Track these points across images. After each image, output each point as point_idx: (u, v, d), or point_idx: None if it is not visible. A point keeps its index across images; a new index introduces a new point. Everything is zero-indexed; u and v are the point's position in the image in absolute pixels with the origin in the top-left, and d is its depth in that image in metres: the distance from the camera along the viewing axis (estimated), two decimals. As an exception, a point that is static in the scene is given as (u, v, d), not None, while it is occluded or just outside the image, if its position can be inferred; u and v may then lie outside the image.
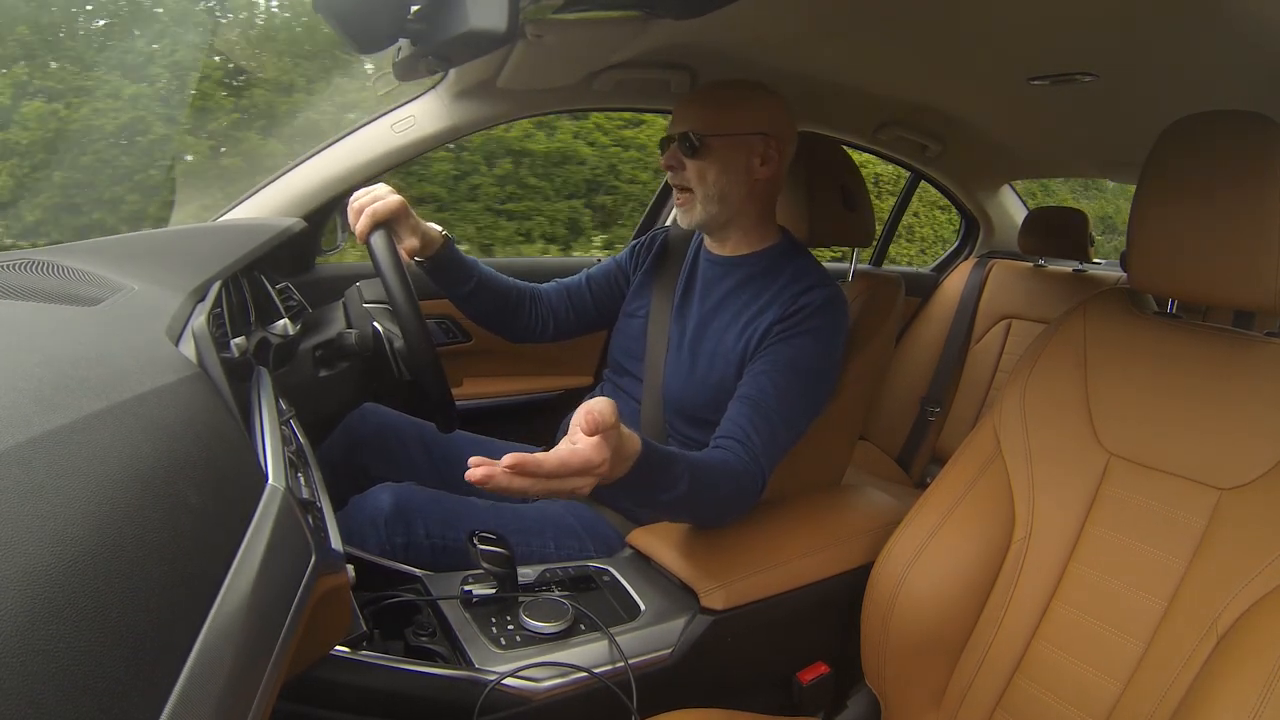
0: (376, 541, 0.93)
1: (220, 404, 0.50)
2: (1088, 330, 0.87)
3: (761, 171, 1.03)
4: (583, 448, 0.63)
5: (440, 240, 1.10)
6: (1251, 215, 0.72)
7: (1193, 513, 0.73)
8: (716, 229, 1.09)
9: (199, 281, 0.74)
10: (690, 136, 1.01)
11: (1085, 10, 0.93)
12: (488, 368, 1.55)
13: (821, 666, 0.94)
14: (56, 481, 0.32)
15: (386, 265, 0.93)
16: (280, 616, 0.44)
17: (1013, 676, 0.79)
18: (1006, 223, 2.31)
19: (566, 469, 0.61)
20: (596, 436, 0.62)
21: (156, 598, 0.33)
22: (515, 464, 0.59)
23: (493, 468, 0.59)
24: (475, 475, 0.58)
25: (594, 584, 0.89)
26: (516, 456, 0.59)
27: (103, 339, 0.49)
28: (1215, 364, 0.78)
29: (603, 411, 0.62)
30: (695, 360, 1.04)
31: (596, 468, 0.63)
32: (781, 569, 0.91)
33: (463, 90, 1.26)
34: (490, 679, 0.72)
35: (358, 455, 1.16)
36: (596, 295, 1.23)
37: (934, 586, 0.83)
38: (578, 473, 0.63)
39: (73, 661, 0.27)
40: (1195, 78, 1.10)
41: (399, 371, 1.00)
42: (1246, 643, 0.62)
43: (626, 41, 1.14)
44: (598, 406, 0.62)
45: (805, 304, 0.98)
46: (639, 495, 0.76)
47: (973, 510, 0.85)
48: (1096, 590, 0.77)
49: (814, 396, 0.97)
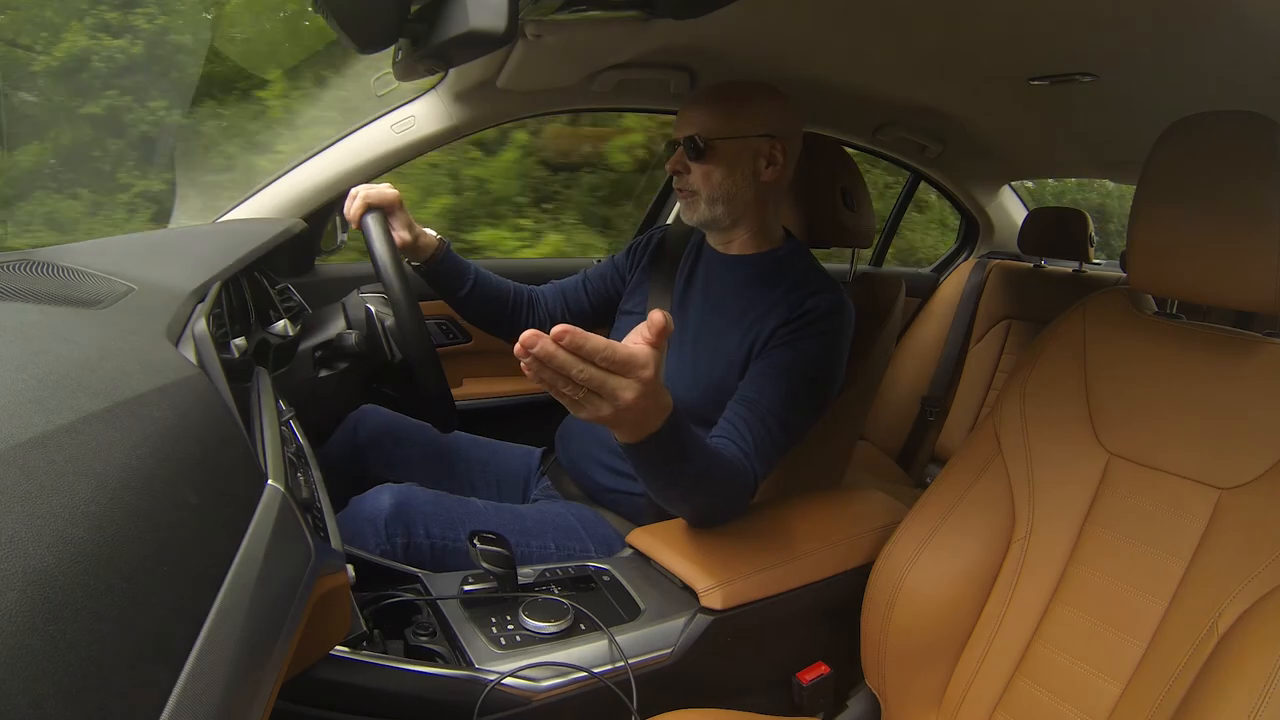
0: (376, 542, 0.93)
1: (220, 404, 0.50)
2: (1087, 330, 0.87)
3: (768, 173, 1.03)
4: (635, 346, 0.60)
5: (437, 244, 1.10)
6: (1251, 215, 0.72)
7: (1192, 513, 0.73)
8: (721, 229, 1.08)
9: (199, 282, 0.74)
10: (696, 140, 1.01)
11: (1085, 10, 0.93)
12: (488, 368, 1.55)
13: (821, 666, 0.94)
14: (56, 482, 0.32)
15: (378, 242, 0.94)
16: (280, 616, 0.44)
17: (1013, 676, 0.79)
18: (1006, 223, 2.31)
19: (612, 357, 0.58)
20: (650, 346, 0.60)
21: (156, 598, 0.33)
22: (564, 331, 0.55)
23: (540, 334, 0.55)
24: (525, 335, 0.55)
25: (594, 584, 0.89)
26: (566, 326, 0.56)
27: (103, 340, 0.49)
28: (1215, 364, 0.78)
29: (668, 320, 0.60)
30: (696, 358, 1.04)
31: (640, 370, 0.60)
32: (781, 569, 0.91)
33: (463, 90, 1.26)
34: (490, 679, 0.72)
35: (358, 455, 1.16)
36: (593, 296, 1.23)
37: (934, 586, 0.83)
38: (621, 368, 0.59)
39: (73, 662, 0.27)
40: (1195, 78, 1.10)
41: (390, 352, 1.00)
42: (1247, 643, 0.62)
43: (626, 42, 1.14)
44: (662, 315, 0.60)
45: (812, 307, 0.97)
46: (661, 459, 0.74)
47: (973, 510, 0.85)
48: (1096, 590, 0.77)
49: (814, 402, 0.97)
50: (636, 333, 0.62)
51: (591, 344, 0.57)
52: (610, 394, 0.61)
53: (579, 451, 1.12)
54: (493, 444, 1.26)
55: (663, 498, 0.85)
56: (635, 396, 0.61)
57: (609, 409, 0.62)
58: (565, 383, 0.59)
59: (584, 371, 0.58)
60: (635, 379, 0.61)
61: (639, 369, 0.60)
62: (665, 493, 0.83)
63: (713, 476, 0.83)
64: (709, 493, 0.86)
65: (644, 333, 0.61)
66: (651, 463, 0.75)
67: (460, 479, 1.19)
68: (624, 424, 0.67)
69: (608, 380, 0.60)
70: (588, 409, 0.62)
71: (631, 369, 0.60)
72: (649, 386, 0.62)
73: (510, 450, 1.26)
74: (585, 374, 0.58)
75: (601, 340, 0.58)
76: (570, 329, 0.56)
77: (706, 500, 0.88)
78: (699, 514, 0.92)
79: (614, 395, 0.61)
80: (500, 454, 1.25)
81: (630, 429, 0.69)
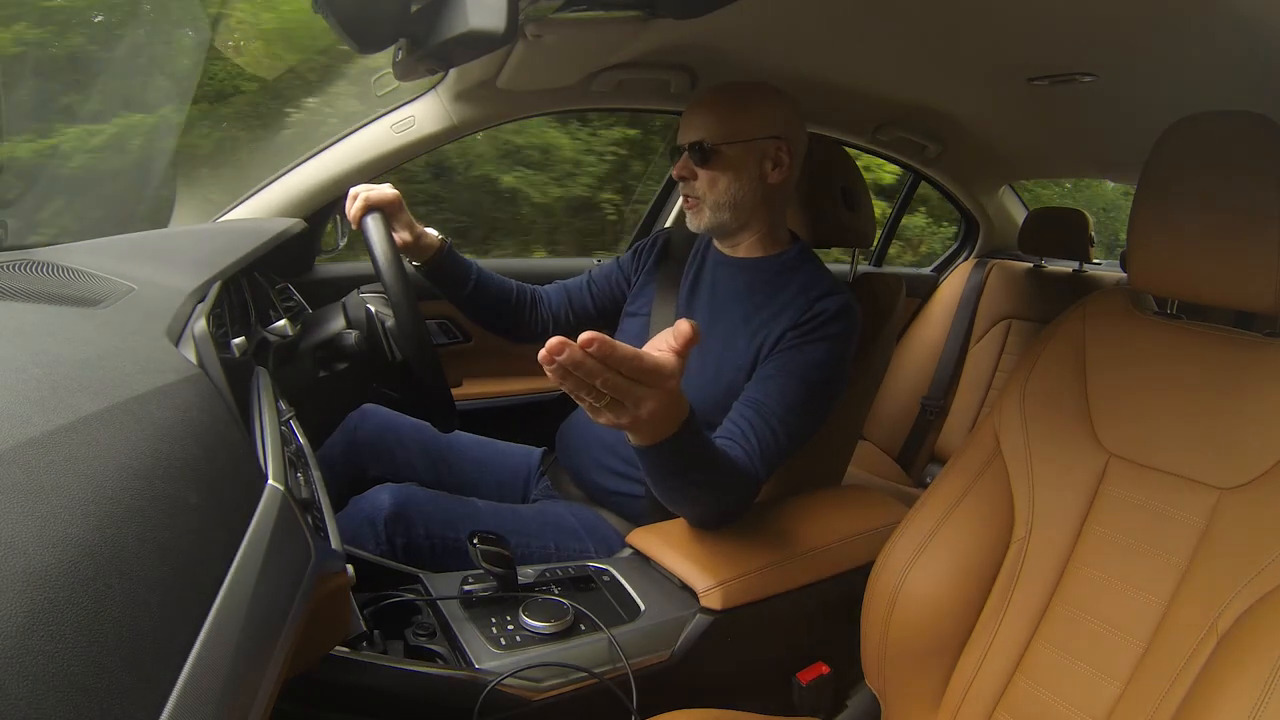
0: (376, 542, 0.93)
1: (220, 404, 0.50)
2: (1087, 330, 0.87)
3: (774, 175, 1.02)
4: (661, 355, 0.60)
5: (438, 244, 1.10)
6: (1251, 215, 0.72)
7: (1192, 513, 0.73)
8: (728, 234, 1.08)
9: (199, 282, 0.74)
10: (703, 145, 1.00)
11: (1085, 10, 0.93)
12: (488, 368, 1.55)
13: (821, 666, 0.94)
14: (57, 482, 0.32)
15: (378, 243, 0.94)
16: (280, 616, 0.44)
17: (1013, 676, 0.79)
18: (1006, 223, 2.31)
19: (640, 366, 0.58)
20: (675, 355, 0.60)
21: (156, 598, 0.33)
22: (592, 339, 0.55)
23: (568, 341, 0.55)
24: (552, 342, 0.54)
25: (594, 584, 0.89)
26: (594, 333, 0.55)
27: (103, 340, 0.49)
28: (1215, 364, 0.78)
29: (696, 330, 0.59)
30: (703, 361, 1.04)
31: (666, 379, 0.60)
32: (781, 569, 0.91)
33: (463, 90, 1.26)
34: (490, 679, 0.72)
35: (357, 455, 1.16)
36: (597, 297, 1.23)
37: (934, 586, 0.83)
38: (647, 377, 0.59)
39: (73, 661, 0.27)
40: (1195, 78, 1.10)
41: (391, 352, 1.00)
42: (1247, 643, 0.62)
43: (626, 42, 1.14)
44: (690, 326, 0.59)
45: (821, 310, 0.97)
46: (673, 463, 0.74)
47: (973, 510, 0.85)
48: (1096, 590, 0.77)
49: (819, 406, 0.97)
50: (662, 339, 0.62)
51: (620, 353, 0.57)
52: (634, 402, 0.61)
53: (579, 452, 1.12)
54: (493, 444, 1.26)
55: (668, 499, 0.85)
56: (657, 404, 0.61)
57: (629, 416, 0.62)
58: (589, 390, 0.58)
59: (609, 380, 0.57)
60: (660, 389, 0.61)
61: (665, 379, 0.60)
62: (672, 495, 0.83)
63: (719, 479, 0.83)
64: (714, 495, 0.86)
65: (670, 341, 0.61)
66: (663, 466, 0.75)
67: (460, 479, 1.19)
68: (641, 429, 0.67)
69: (632, 389, 0.59)
70: (608, 415, 0.62)
71: (658, 379, 0.60)
72: (671, 395, 0.62)
73: (510, 450, 1.26)
74: (611, 382, 0.58)
75: (629, 349, 0.57)
76: (599, 337, 0.55)
77: (711, 502, 0.88)
78: (703, 516, 0.92)
79: (636, 403, 0.61)
80: (500, 454, 1.25)
81: (647, 434, 0.69)
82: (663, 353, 0.60)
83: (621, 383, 0.58)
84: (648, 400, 0.61)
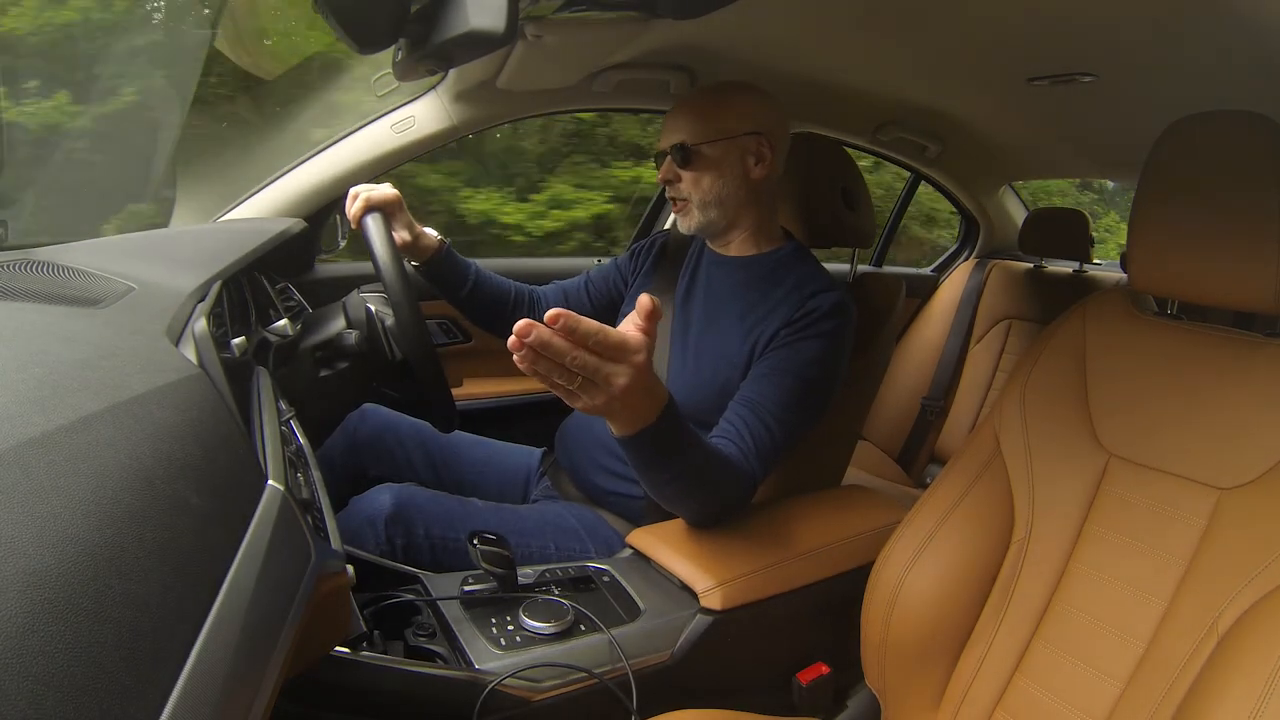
0: (376, 542, 0.93)
1: (220, 404, 0.50)
2: (1087, 331, 0.87)
3: (757, 170, 1.03)
4: (626, 331, 0.62)
5: (437, 244, 1.10)
6: (1251, 215, 0.72)
7: (1192, 513, 0.73)
8: (718, 233, 1.08)
9: (199, 282, 0.74)
10: (684, 147, 1.01)
11: (1085, 10, 0.93)
12: (488, 368, 1.55)
13: (821, 666, 0.94)
14: (57, 482, 0.32)
15: (378, 243, 0.95)
16: (280, 617, 0.44)
17: (1012, 676, 0.79)
18: (1007, 223, 2.31)
19: (605, 340, 0.60)
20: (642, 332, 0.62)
21: (157, 598, 0.33)
22: (558, 314, 0.57)
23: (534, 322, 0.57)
24: (519, 325, 0.56)
25: (594, 584, 0.89)
26: (560, 310, 0.57)
27: (103, 340, 0.49)
28: (1215, 364, 0.78)
29: (656, 304, 0.62)
30: (699, 361, 1.04)
31: (632, 354, 0.62)
32: (781, 569, 0.91)
33: (463, 90, 1.26)
34: (490, 679, 0.72)
35: (357, 456, 1.16)
36: (595, 298, 1.24)
37: (934, 586, 0.83)
38: (613, 352, 0.61)
39: (73, 662, 0.27)
40: (1195, 78, 1.10)
41: (391, 352, 1.00)
42: (1247, 643, 0.62)
43: (626, 42, 1.14)
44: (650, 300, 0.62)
45: (815, 307, 0.97)
46: (656, 452, 0.75)
47: (973, 511, 0.85)
48: (1096, 590, 0.76)
49: (815, 403, 0.97)
50: (629, 320, 0.64)
51: (585, 326, 0.58)
52: (604, 380, 0.62)
53: (579, 452, 1.12)
54: (493, 444, 1.26)
55: (660, 495, 0.85)
56: (628, 382, 0.62)
57: (603, 397, 0.63)
58: (560, 372, 0.60)
59: (578, 358, 0.59)
60: (628, 364, 0.62)
61: (631, 354, 0.62)
62: (662, 489, 0.83)
63: (710, 473, 0.83)
64: (706, 490, 0.86)
65: (635, 320, 0.63)
66: (647, 456, 0.76)
67: (460, 479, 1.19)
68: (619, 414, 0.69)
69: (601, 366, 0.61)
70: (583, 398, 0.63)
71: (624, 354, 0.62)
72: (641, 372, 0.63)
73: (510, 450, 1.26)
74: (579, 360, 0.59)
75: (594, 324, 0.59)
76: (564, 312, 0.57)
77: (704, 498, 0.88)
78: (697, 512, 0.92)
79: (608, 381, 0.62)
80: (500, 454, 1.25)
81: (626, 420, 0.70)
82: (629, 330, 0.63)
83: (590, 360, 0.60)
84: (618, 377, 0.62)
